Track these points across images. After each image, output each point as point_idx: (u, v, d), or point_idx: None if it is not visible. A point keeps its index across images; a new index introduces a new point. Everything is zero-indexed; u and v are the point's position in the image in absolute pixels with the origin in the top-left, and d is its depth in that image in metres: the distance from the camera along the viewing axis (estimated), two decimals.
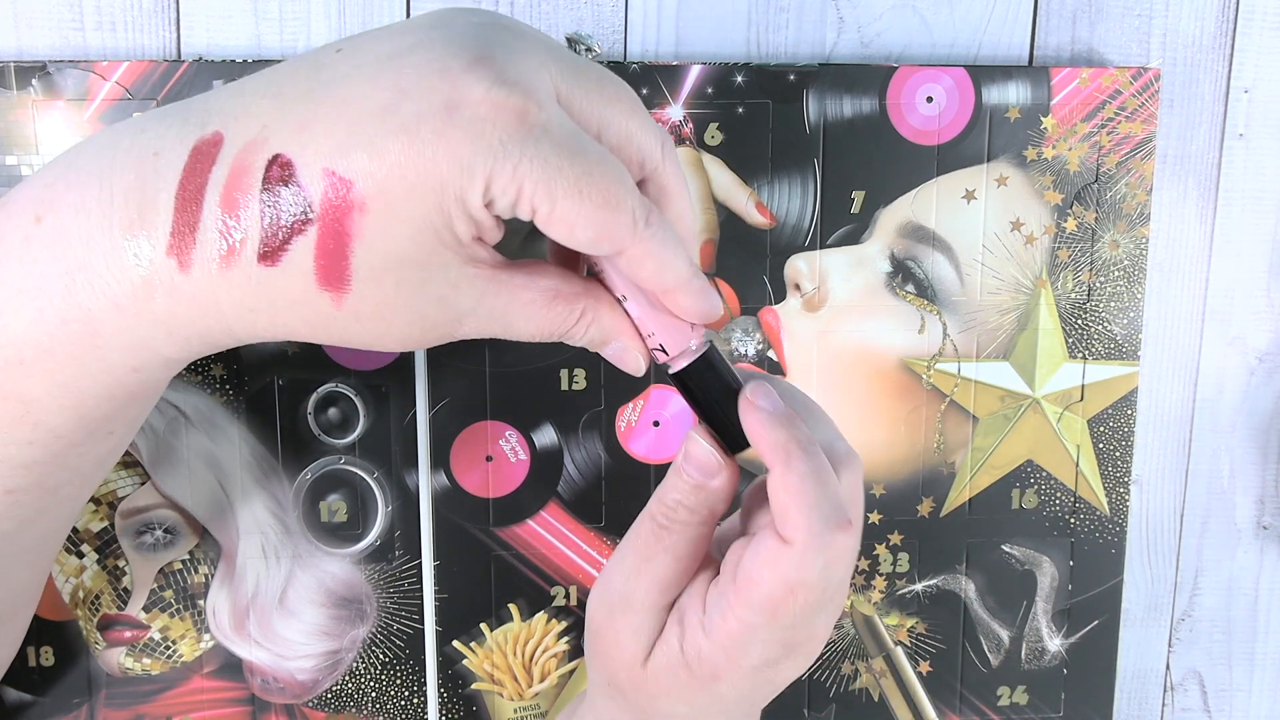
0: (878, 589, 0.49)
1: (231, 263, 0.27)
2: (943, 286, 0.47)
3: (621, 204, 0.28)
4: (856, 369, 0.47)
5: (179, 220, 0.27)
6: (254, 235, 0.27)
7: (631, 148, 0.30)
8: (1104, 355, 0.49)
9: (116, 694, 0.46)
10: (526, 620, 0.48)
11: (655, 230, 0.29)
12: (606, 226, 0.28)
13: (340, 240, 0.27)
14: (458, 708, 0.48)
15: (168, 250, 0.28)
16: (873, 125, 0.46)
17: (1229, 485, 0.52)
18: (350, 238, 0.27)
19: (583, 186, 0.27)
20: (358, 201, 0.26)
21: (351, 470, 0.46)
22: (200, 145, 0.28)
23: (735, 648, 0.31)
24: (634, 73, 0.45)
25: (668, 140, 0.31)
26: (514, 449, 0.47)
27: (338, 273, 0.27)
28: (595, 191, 0.27)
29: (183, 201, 0.27)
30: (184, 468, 0.45)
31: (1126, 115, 0.47)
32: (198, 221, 0.27)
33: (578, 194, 0.27)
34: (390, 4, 0.45)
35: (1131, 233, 0.48)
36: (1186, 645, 0.53)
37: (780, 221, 0.46)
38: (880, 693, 0.50)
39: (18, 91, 0.42)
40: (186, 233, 0.27)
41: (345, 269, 0.27)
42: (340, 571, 0.47)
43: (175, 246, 0.27)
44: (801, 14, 0.47)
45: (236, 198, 0.27)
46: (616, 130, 0.29)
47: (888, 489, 0.49)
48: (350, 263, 0.27)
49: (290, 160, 0.27)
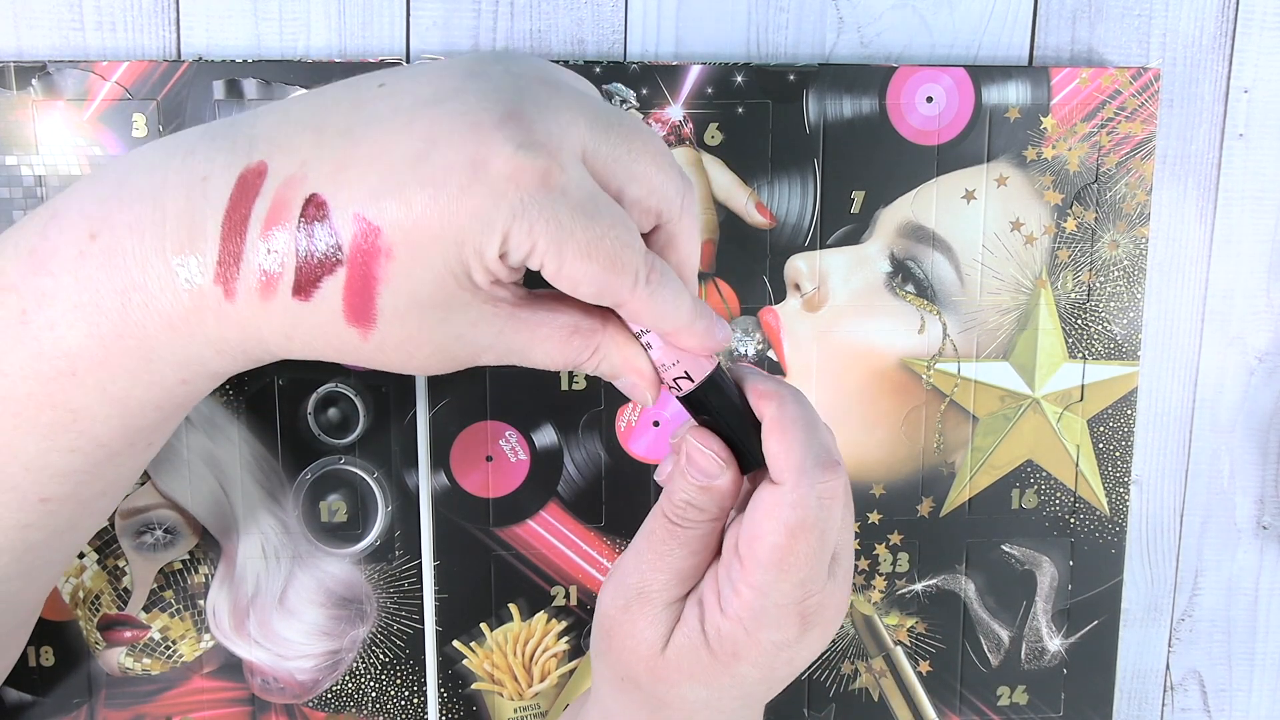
0: (877, 589, 0.49)
1: (269, 295, 0.29)
2: (943, 286, 0.47)
3: (625, 268, 0.29)
4: (856, 369, 0.48)
5: (224, 249, 0.29)
6: (289, 270, 0.29)
7: (652, 200, 0.31)
8: (1104, 355, 0.49)
9: (116, 694, 0.47)
10: (526, 620, 0.48)
11: (655, 288, 0.30)
12: (609, 286, 0.29)
13: (367, 283, 0.28)
14: (458, 708, 0.48)
15: (215, 278, 0.29)
16: (872, 125, 0.46)
17: (1229, 485, 0.52)
18: (377, 281, 0.28)
19: (591, 251, 0.29)
20: (384, 248, 0.28)
21: (351, 470, 0.46)
22: (246, 174, 0.29)
23: (753, 619, 0.33)
24: (634, 73, 0.45)
25: (689, 191, 0.32)
26: (514, 449, 0.47)
27: (365, 312, 0.29)
28: (602, 256, 0.29)
29: (228, 230, 0.29)
30: (184, 468, 0.45)
31: (1126, 115, 0.47)
32: (241, 252, 0.29)
33: (585, 257, 0.29)
34: (390, 5, 0.45)
35: (1131, 233, 0.48)
36: (1186, 645, 0.53)
37: (780, 221, 0.46)
38: (880, 692, 0.50)
39: (18, 91, 0.42)
40: (231, 262, 0.29)
41: (371, 309, 0.29)
42: (340, 571, 0.47)
43: (221, 275, 0.29)
44: (801, 14, 0.47)
45: (275, 232, 0.29)
46: (640, 184, 0.30)
47: (888, 489, 0.49)
48: (376, 304, 0.29)
49: (325, 201, 0.28)
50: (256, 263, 0.29)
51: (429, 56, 0.45)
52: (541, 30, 0.46)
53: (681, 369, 0.33)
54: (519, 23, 0.46)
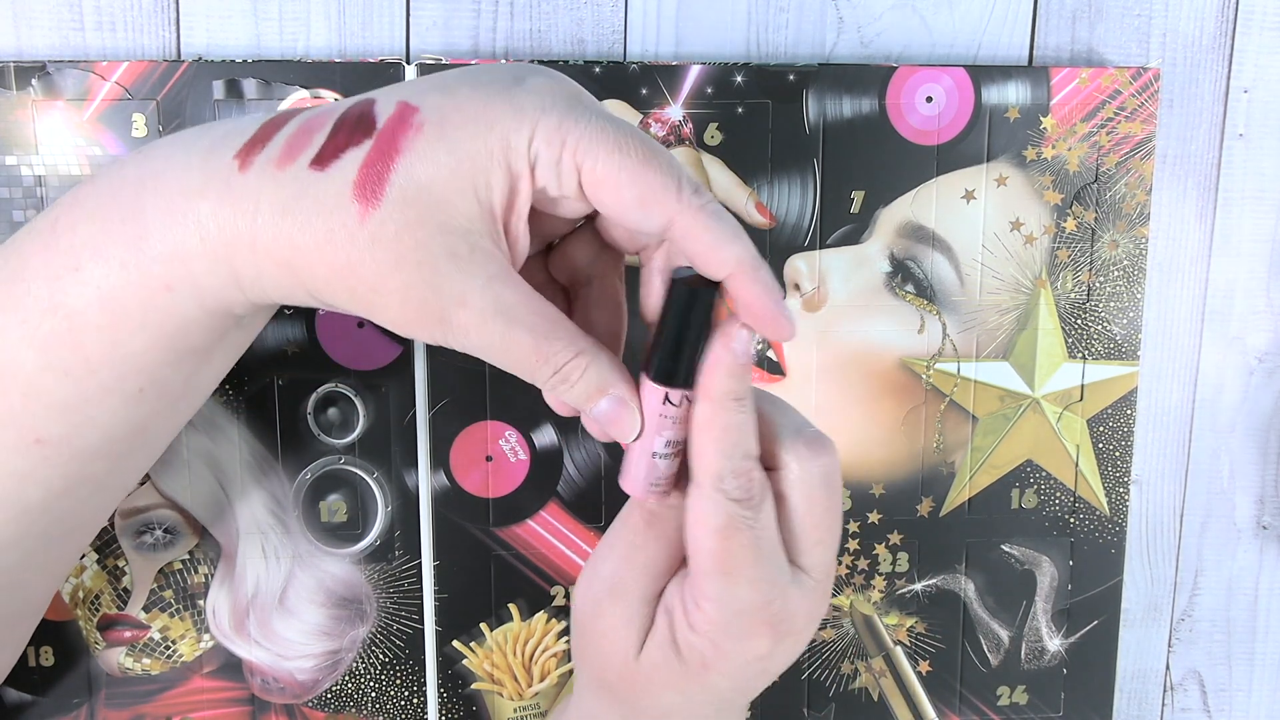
0: (877, 589, 0.49)
1: (286, 163, 0.29)
2: (942, 286, 0.47)
3: (663, 165, 0.29)
4: (856, 369, 0.48)
5: (263, 130, 0.30)
6: (318, 142, 0.29)
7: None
8: (1103, 355, 0.49)
9: (116, 694, 0.47)
10: (526, 620, 0.48)
11: (708, 203, 0.30)
12: (651, 186, 0.29)
13: (388, 155, 0.29)
14: (458, 708, 0.48)
15: (236, 154, 0.30)
16: (872, 125, 0.46)
17: (1229, 485, 0.52)
18: (398, 153, 0.29)
19: (624, 144, 0.29)
20: (416, 123, 0.29)
21: (351, 470, 0.46)
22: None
23: (721, 633, 0.32)
24: (634, 73, 0.45)
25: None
26: (514, 449, 0.47)
27: (374, 185, 0.29)
28: (637, 148, 0.29)
29: (270, 123, 0.30)
30: (184, 468, 0.45)
31: (1126, 115, 0.47)
32: (273, 136, 0.30)
33: (619, 149, 0.29)
34: (390, 5, 0.45)
35: (1131, 232, 0.48)
36: (1186, 645, 0.53)
37: (780, 221, 0.46)
38: (880, 692, 0.50)
39: (17, 91, 0.42)
40: (261, 140, 0.30)
41: (382, 184, 0.29)
42: (340, 571, 0.47)
43: (245, 151, 0.30)
44: (801, 14, 0.47)
45: (314, 122, 0.30)
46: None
47: (887, 488, 0.49)
48: (389, 178, 0.28)
49: (374, 99, 0.30)
50: (285, 136, 0.30)
51: (430, 57, 0.45)
52: (541, 30, 0.46)
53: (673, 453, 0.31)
54: (519, 23, 0.46)
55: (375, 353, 0.45)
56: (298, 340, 0.45)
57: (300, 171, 0.29)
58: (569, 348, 0.30)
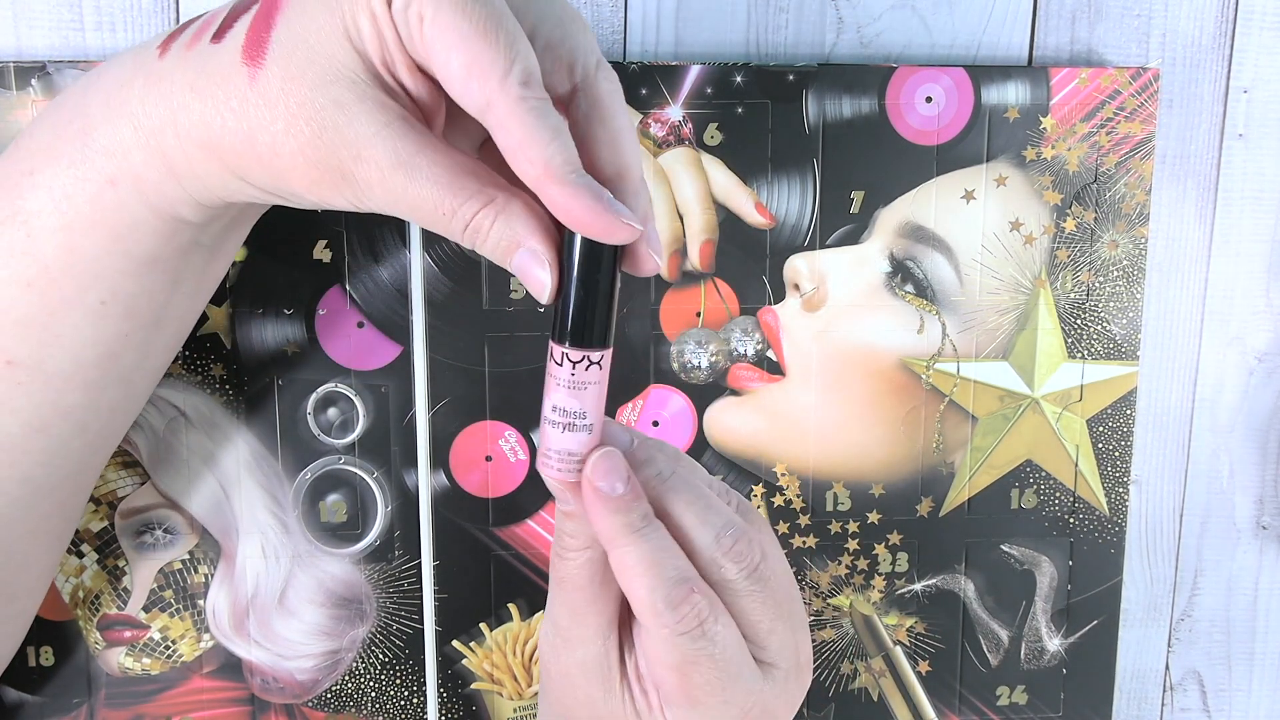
0: (877, 589, 0.49)
1: (193, 45, 0.31)
2: (942, 286, 0.47)
3: (501, 42, 0.27)
4: (856, 369, 0.48)
5: (181, 25, 0.32)
6: (218, 23, 0.31)
7: (564, 48, 0.30)
8: (1103, 355, 0.49)
9: (116, 694, 0.47)
10: (526, 620, 0.48)
11: (534, 101, 0.27)
12: (478, 58, 0.27)
13: (269, 14, 0.29)
14: (457, 707, 0.48)
15: (158, 44, 0.32)
16: (872, 125, 0.46)
17: (1228, 485, 0.52)
18: (278, 10, 0.29)
19: (469, 6, 0.27)
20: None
21: (351, 470, 0.46)
22: None
23: None
24: (634, 73, 0.45)
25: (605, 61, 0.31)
26: (514, 449, 0.47)
27: (258, 45, 0.29)
28: (480, 14, 0.27)
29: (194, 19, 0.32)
30: (184, 468, 0.45)
31: (1126, 115, 0.47)
32: (188, 28, 0.32)
33: (460, 10, 0.27)
34: None
35: (1130, 233, 0.48)
36: (1186, 645, 0.53)
37: (779, 221, 0.46)
38: (879, 692, 0.50)
39: (17, 91, 0.42)
40: (177, 32, 0.32)
41: (265, 42, 0.29)
42: (340, 571, 0.47)
43: (165, 42, 0.32)
44: (801, 14, 0.47)
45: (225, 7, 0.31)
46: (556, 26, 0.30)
47: (887, 489, 0.49)
48: (270, 37, 0.29)
49: None
50: (200, 22, 0.31)
51: None
52: None
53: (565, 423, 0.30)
54: None
55: (375, 353, 0.45)
56: (298, 340, 0.45)
57: (204, 48, 0.30)
58: (477, 197, 0.28)
